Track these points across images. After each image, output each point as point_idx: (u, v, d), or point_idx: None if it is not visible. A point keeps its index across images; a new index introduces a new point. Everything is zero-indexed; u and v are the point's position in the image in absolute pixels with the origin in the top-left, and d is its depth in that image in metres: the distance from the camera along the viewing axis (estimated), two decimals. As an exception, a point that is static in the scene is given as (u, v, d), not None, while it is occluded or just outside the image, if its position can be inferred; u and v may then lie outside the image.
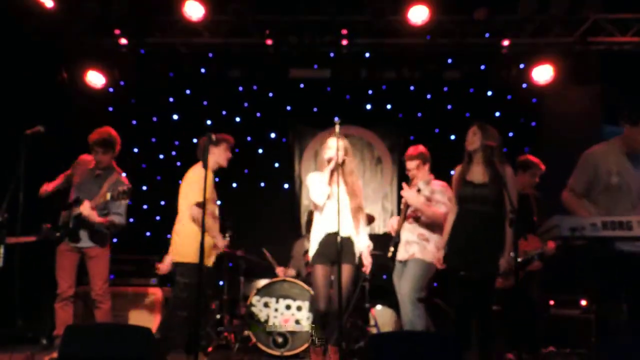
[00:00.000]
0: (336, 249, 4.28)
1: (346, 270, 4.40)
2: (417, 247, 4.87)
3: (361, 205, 4.67)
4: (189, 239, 4.64)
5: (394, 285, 5.04)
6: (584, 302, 6.03)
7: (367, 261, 4.67)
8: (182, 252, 4.71)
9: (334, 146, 4.56)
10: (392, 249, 4.98)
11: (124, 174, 5.22)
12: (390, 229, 5.16)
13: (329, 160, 4.56)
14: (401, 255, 4.95)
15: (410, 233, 4.95)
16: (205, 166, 4.29)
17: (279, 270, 6.41)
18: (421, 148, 5.08)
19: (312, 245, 4.65)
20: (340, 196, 4.34)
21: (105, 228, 5.04)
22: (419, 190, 4.92)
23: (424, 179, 5.01)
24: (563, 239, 3.93)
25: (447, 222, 4.55)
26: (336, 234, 4.29)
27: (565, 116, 7.03)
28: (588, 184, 4.14)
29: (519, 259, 5.08)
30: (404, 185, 4.98)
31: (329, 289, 4.57)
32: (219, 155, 4.93)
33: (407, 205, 4.95)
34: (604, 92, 6.99)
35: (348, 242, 4.56)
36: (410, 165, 5.04)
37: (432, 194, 4.94)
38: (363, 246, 4.68)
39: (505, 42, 6.86)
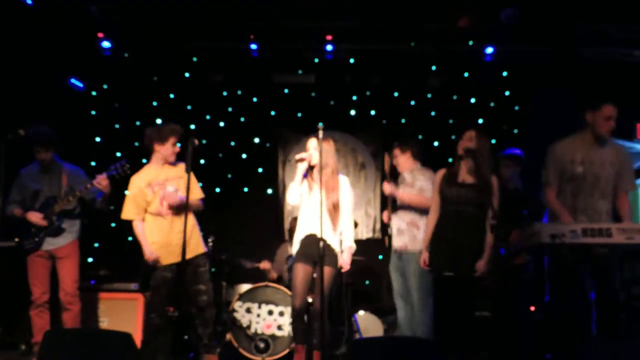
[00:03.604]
0: (315, 249, 4.34)
1: (325, 272, 4.31)
2: (408, 237, 4.94)
3: (336, 204, 4.60)
4: None
5: (391, 277, 5.09)
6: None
7: (344, 261, 4.63)
8: None
9: (311, 146, 4.61)
10: (387, 239, 5.04)
11: (66, 163, 5.23)
12: (385, 218, 5.18)
13: (300, 160, 4.57)
14: (396, 243, 5.00)
15: (400, 220, 5.01)
16: (188, 170, 4.27)
17: (263, 264, 6.49)
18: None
19: (294, 244, 4.69)
20: (318, 198, 4.36)
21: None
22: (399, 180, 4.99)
23: (409, 168, 5.08)
24: (544, 246, 3.97)
25: (428, 223, 4.59)
26: (314, 235, 4.36)
27: (548, 123, 7.08)
28: (561, 175, 4.21)
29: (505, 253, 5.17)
30: (385, 182, 5.02)
31: (307, 287, 4.58)
32: (165, 152, 4.92)
33: (392, 198, 4.98)
34: (583, 101, 7.06)
35: (325, 245, 4.51)
36: (394, 152, 5.15)
37: (415, 180, 5.00)
38: (344, 246, 4.65)
39: (489, 50, 6.92)
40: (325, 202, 4.49)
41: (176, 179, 4.88)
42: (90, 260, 6.71)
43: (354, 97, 7.90)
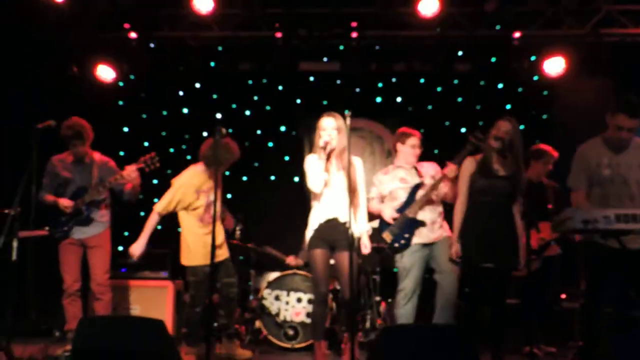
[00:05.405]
0: (333, 234, 4.34)
1: (346, 257, 4.15)
2: (443, 226, 4.84)
3: (356, 188, 4.43)
4: (183, 243, 5.06)
5: (405, 272, 4.85)
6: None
7: (364, 246, 4.53)
8: (183, 256, 5.06)
9: (328, 127, 4.48)
10: (389, 235, 4.85)
11: (96, 153, 5.31)
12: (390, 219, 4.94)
13: (325, 145, 4.40)
14: (426, 237, 4.77)
15: (431, 213, 4.82)
16: (211, 164, 4.30)
17: (290, 259, 6.41)
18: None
19: (309, 230, 4.51)
20: (337, 181, 4.31)
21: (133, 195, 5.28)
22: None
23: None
24: (576, 232, 3.92)
25: (456, 214, 4.54)
26: (333, 220, 4.36)
27: (577, 108, 6.97)
28: (589, 179, 4.12)
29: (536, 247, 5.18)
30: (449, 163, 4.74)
31: (329, 271, 4.46)
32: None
33: (427, 189, 4.81)
34: (615, 84, 6.93)
35: (344, 229, 4.32)
36: (418, 143, 5.05)
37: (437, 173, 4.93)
38: (362, 229, 4.53)
39: (516, 34, 6.80)
40: (347, 184, 4.27)
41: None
42: (120, 248, 6.79)
43: (380, 84, 7.85)
